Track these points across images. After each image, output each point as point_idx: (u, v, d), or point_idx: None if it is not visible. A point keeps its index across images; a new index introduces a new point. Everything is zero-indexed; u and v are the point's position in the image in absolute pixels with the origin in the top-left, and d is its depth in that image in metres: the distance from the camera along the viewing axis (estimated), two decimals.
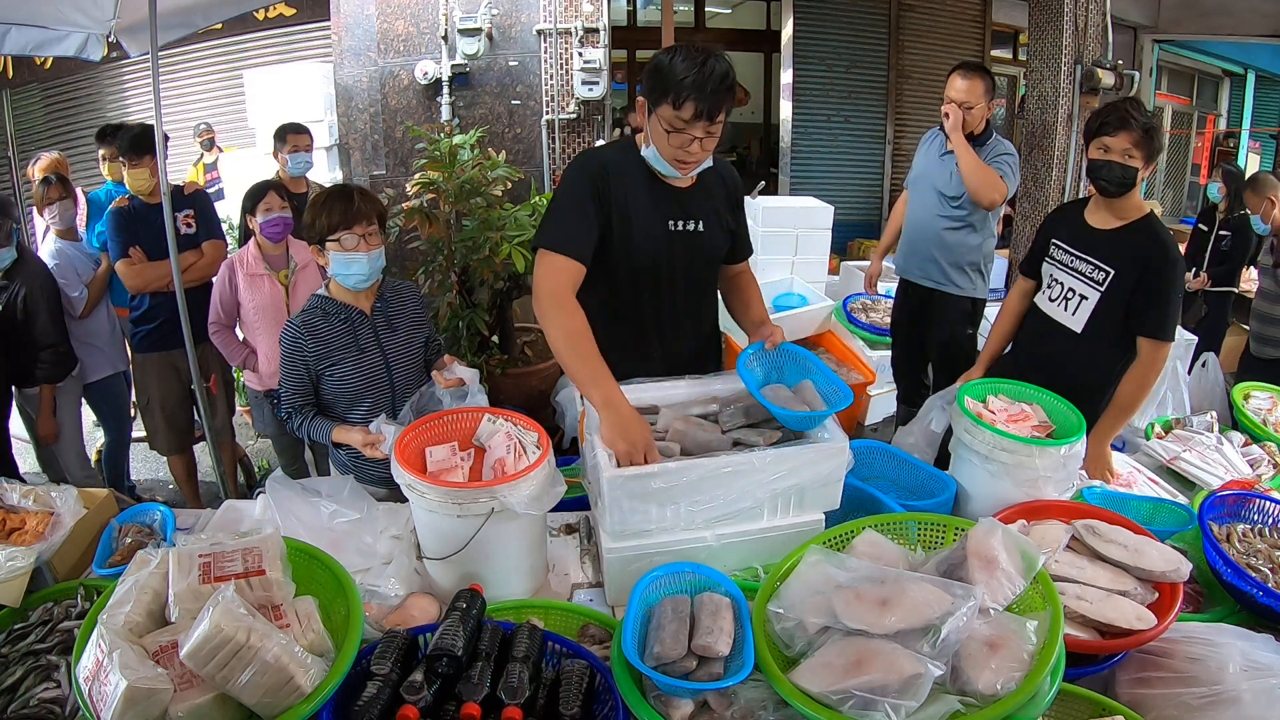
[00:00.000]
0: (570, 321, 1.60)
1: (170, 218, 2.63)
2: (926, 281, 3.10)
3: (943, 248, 3.03)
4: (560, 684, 1.17)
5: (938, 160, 3.05)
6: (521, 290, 3.74)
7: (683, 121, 1.58)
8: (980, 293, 3.09)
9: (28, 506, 1.62)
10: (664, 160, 1.67)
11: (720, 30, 7.78)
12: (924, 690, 1.04)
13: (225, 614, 1.05)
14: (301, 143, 3.38)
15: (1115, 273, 1.99)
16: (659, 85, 1.58)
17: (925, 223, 3.07)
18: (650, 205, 1.76)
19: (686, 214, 1.80)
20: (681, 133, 1.60)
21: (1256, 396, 2.46)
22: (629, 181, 1.74)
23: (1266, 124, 8.82)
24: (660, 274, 1.82)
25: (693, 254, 1.83)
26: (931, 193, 3.06)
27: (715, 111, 1.57)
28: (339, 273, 1.92)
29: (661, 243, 1.78)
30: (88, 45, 3.25)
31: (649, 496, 1.45)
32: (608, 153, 1.82)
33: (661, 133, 1.62)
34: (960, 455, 1.76)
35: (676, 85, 1.55)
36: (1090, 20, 4.77)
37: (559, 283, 1.64)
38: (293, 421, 1.98)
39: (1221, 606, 1.55)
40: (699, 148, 1.63)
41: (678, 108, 1.56)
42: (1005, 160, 2.91)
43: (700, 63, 1.54)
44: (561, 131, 4.60)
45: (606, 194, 1.72)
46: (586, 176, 1.72)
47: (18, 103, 6.14)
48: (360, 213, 1.89)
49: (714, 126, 1.61)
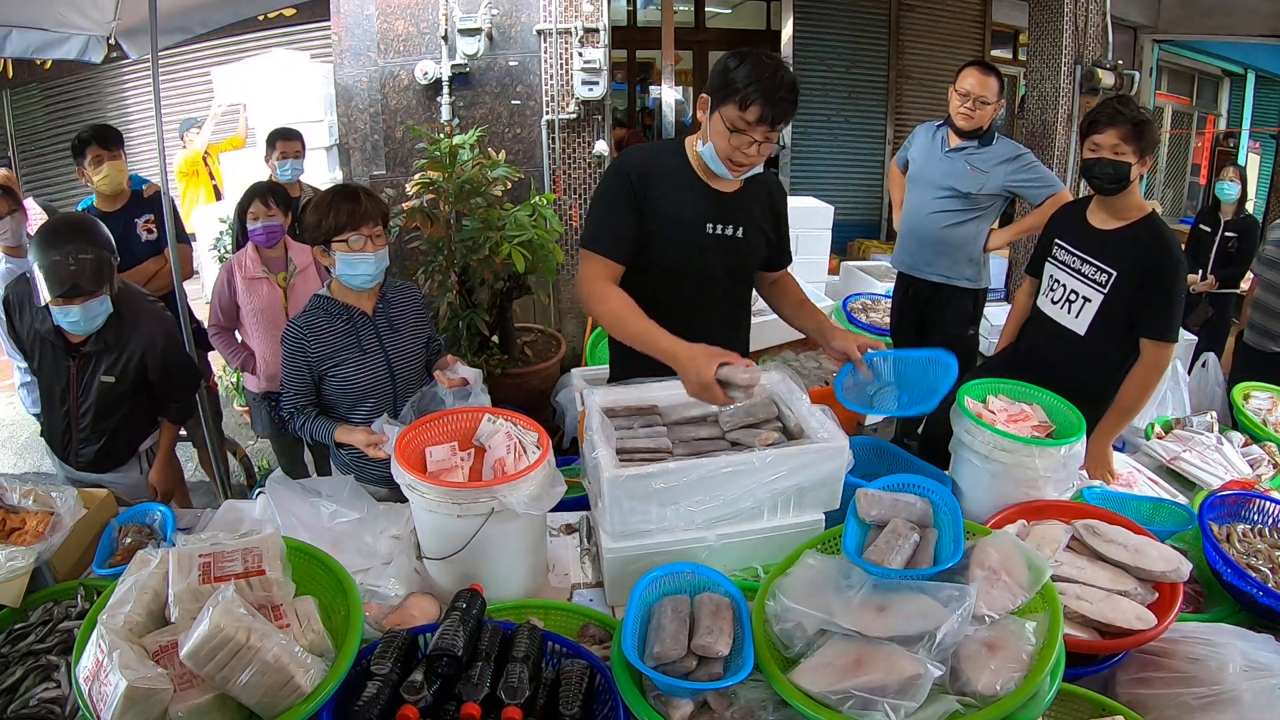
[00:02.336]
0: (611, 304, 1.67)
1: (167, 216, 2.63)
2: (933, 276, 3.08)
3: (945, 242, 3.02)
4: (560, 684, 1.17)
5: (941, 157, 3.02)
6: (521, 290, 3.74)
7: (745, 123, 1.60)
8: (983, 283, 3.09)
9: (28, 506, 1.62)
10: (719, 159, 1.69)
11: (720, 30, 7.78)
12: (923, 691, 1.05)
13: (225, 614, 1.05)
14: (291, 149, 3.36)
15: (1118, 274, 1.99)
16: (727, 85, 1.60)
17: (927, 219, 3.06)
18: (689, 206, 1.77)
19: (726, 219, 1.80)
20: (743, 134, 1.62)
21: (1256, 397, 2.46)
22: (668, 181, 1.77)
23: (1266, 124, 8.81)
24: (695, 276, 1.82)
25: (730, 259, 1.84)
26: (932, 189, 3.04)
27: (780, 119, 1.60)
28: (345, 273, 1.92)
29: (698, 244, 1.79)
30: (88, 47, 3.26)
31: (649, 496, 1.45)
32: (648, 151, 1.85)
33: (723, 131, 1.64)
34: (960, 455, 1.76)
35: (745, 87, 1.57)
36: (1090, 20, 4.77)
37: (597, 277, 1.73)
38: (295, 422, 1.97)
39: (1221, 606, 1.55)
40: (756, 151, 1.65)
41: (743, 109, 1.59)
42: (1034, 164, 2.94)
43: (772, 70, 1.58)
44: (561, 131, 4.60)
45: (642, 193, 1.74)
46: (622, 176, 1.76)
47: (18, 103, 6.14)
48: (366, 213, 1.89)
49: (773, 133, 1.63)
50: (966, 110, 2.90)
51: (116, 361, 1.96)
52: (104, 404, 1.96)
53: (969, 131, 2.94)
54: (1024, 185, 2.93)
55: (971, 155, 2.96)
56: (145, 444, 2.13)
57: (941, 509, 1.36)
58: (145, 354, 1.99)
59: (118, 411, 1.99)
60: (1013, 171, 2.92)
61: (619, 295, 1.68)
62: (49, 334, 1.90)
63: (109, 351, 1.95)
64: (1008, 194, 2.99)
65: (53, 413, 1.99)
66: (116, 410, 1.98)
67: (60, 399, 1.97)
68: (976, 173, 2.94)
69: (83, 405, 1.96)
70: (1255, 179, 8.13)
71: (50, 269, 1.76)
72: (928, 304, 3.14)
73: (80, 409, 1.96)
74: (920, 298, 3.16)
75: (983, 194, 2.95)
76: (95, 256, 1.80)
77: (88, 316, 1.82)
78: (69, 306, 1.79)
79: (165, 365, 2.03)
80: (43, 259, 1.76)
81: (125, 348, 1.97)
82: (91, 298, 1.80)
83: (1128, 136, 1.92)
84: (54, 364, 1.95)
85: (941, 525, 1.35)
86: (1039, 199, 2.93)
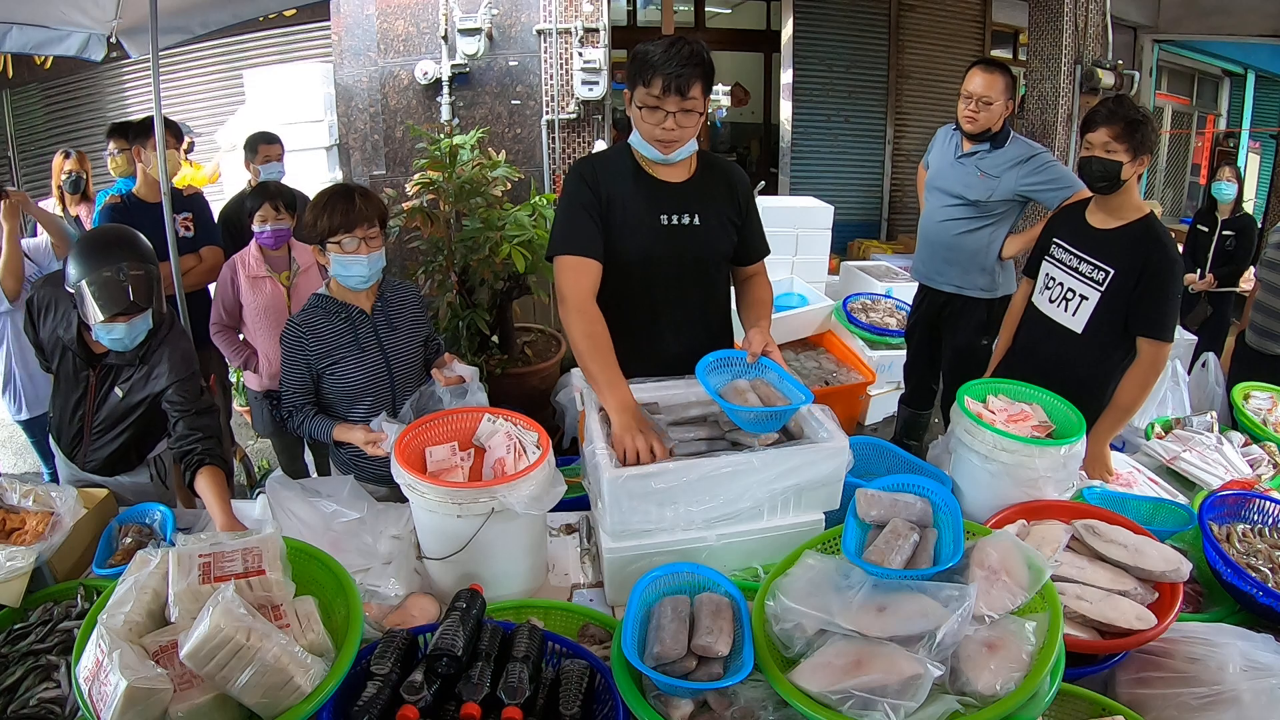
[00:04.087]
0: (592, 327, 1.70)
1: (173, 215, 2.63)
2: (947, 286, 2.98)
3: (957, 251, 2.91)
4: (560, 684, 1.17)
5: (953, 163, 2.91)
6: (521, 290, 3.73)
7: (654, 98, 1.66)
8: (1000, 291, 2.93)
9: (28, 506, 1.62)
10: (646, 143, 1.75)
11: (720, 30, 7.77)
12: (923, 691, 1.05)
13: (225, 614, 1.05)
14: (273, 153, 3.36)
15: (1115, 273, 2.00)
16: (633, 70, 1.68)
17: (939, 227, 2.96)
18: (641, 199, 1.80)
19: (680, 208, 1.82)
20: (655, 109, 1.68)
21: (1256, 396, 2.45)
22: (619, 177, 1.82)
23: (1266, 124, 8.81)
24: (657, 268, 1.83)
25: (689, 248, 1.84)
26: (944, 196, 2.94)
27: (684, 86, 1.64)
28: (339, 274, 1.92)
29: (653, 236, 1.81)
30: (89, 45, 3.26)
31: (649, 496, 1.45)
32: (600, 154, 1.93)
33: (640, 114, 1.71)
34: (960, 455, 1.76)
35: (646, 66, 1.65)
36: (1090, 20, 4.77)
37: (581, 287, 1.74)
38: (294, 420, 1.98)
39: (1221, 606, 1.55)
40: (674, 124, 1.69)
41: (648, 85, 1.66)
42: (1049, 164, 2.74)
43: (669, 44, 1.65)
44: (561, 131, 4.60)
45: (597, 191, 1.79)
46: (580, 178, 1.81)
47: (18, 103, 6.13)
48: (361, 215, 1.88)
49: (687, 103, 1.67)
50: (970, 113, 2.77)
51: (135, 377, 1.91)
52: (119, 416, 1.96)
53: (979, 134, 2.80)
54: (1037, 189, 2.74)
55: (982, 160, 2.82)
56: (156, 450, 2.12)
57: (941, 509, 1.36)
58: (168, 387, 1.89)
59: (133, 423, 1.98)
60: (1025, 175, 2.74)
61: (603, 324, 1.70)
62: (71, 343, 1.87)
63: (130, 367, 1.90)
64: (1021, 199, 2.80)
65: (66, 417, 1.98)
66: (131, 422, 1.98)
67: (75, 405, 1.96)
68: (986, 178, 2.80)
69: (98, 415, 1.96)
70: (1255, 179, 8.13)
71: (102, 287, 1.69)
72: (940, 313, 3.04)
73: (95, 418, 1.96)
74: (934, 307, 3.06)
75: (993, 200, 2.80)
76: (145, 272, 1.75)
77: (132, 334, 1.77)
78: (115, 324, 1.73)
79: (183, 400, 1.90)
80: (93, 276, 1.69)
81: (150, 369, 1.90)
82: (138, 314, 1.76)
83: (1119, 135, 1.92)
84: (73, 372, 1.93)
85: (941, 525, 1.35)
86: (1054, 203, 2.67)
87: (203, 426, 1.85)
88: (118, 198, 3.00)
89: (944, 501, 1.36)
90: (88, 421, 1.96)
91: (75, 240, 1.78)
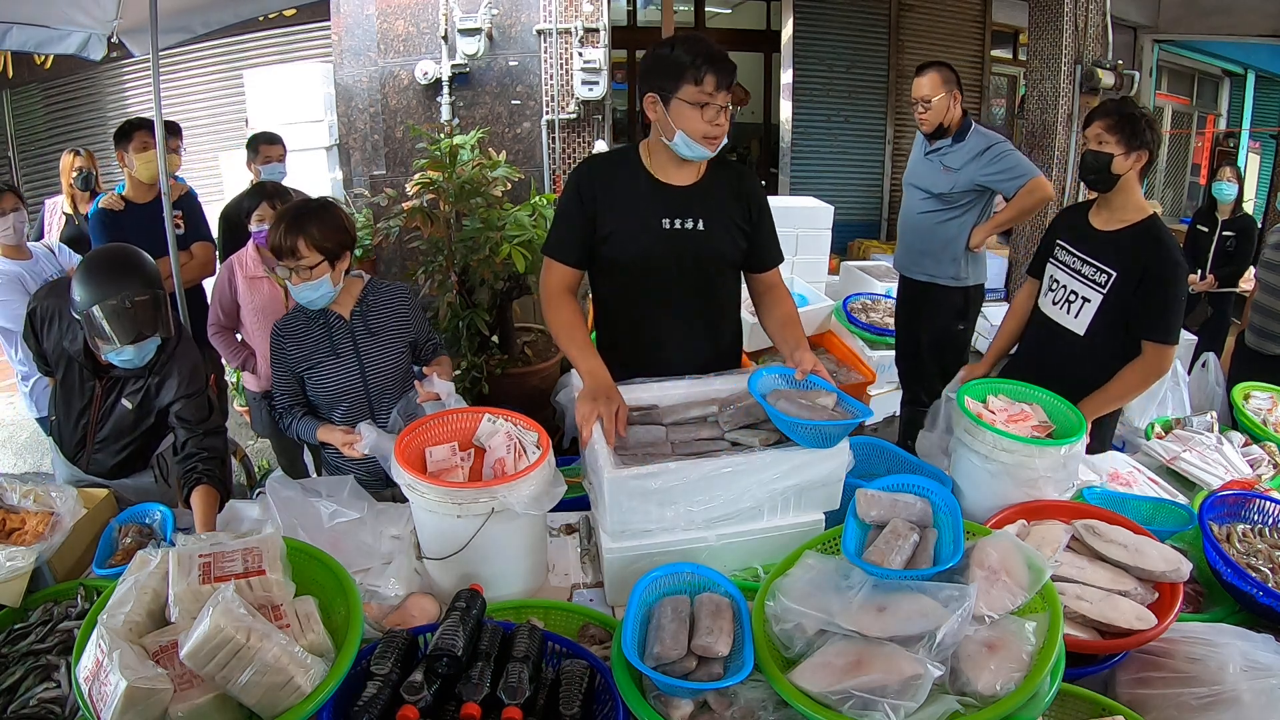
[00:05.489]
0: (562, 315, 1.81)
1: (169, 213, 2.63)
2: (920, 276, 3.14)
3: (930, 240, 3.07)
4: (560, 684, 1.17)
5: (922, 159, 3.11)
6: (521, 290, 3.73)
7: (707, 94, 1.66)
8: (971, 280, 3.08)
9: (28, 506, 1.62)
10: (695, 142, 1.72)
11: (720, 30, 7.78)
12: (923, 691, 1.05)
13: (225, 614, 1.05)
14: (274, 153, 3.36)
15: (1118, 275, 1.99)
16: (673, 71, 1.66)
17: (914, 220, 3.14)
18: (643, 204, 1.80)
19: (684, 212, 1.81)
20: (708, 105, 1.67)
21: (1256, 397, 2.45)
22: (621, 183, 1.81)
23: (1266, 124, 8.82)
24: (659, 273, 1.83)
25: (693, 253, 1.83)
26: (916, 191, 3.12)
27: (730, 80, 1.68)
28: (292, 292, 1.92)
29: (653, 239, 1.80)
30: (89, 44, 3.26)
31: (649, 496, 1.45)
32: (601, 159, 1.94)
33: (691, 112, 1.67)
34: (960, 455, 1.76)
35: (694, 64, 1.64)
36: (1090, 20, 4.78)
37: (554, 284, 1.85)
38: (283, 421, 2.01)
39: (1221, 606, 1.55)
40: (725, 118, 1.71)
41: (700, 83, 1.64)
42: (1004, 155, 2.89)
43: (702, 41, 1.67)
44: (561, 131, 4.60)
45: (591, 196, 1.80)
46: (574, 184, 1.83)
47: (18, 103, 6.14)
48: (294, 250, 1.83)
49: (728, 98, 1.70)
50: (919, 115, 2.99)
51: (141, 389, 1.91)
52: (124, 425, 1.96)
53: (935, 132, 2.98)
54: (993, 179, 2.91)
55: (945, 155, 2.99)
56: (159, 450, 2.12)
57: (941, 509, 1.36)
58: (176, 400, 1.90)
59: (137, 431, 1.98)
60: (982, 166, 2.90)
61: (571, 309, 1.81)
62: (78, 355, 1.87)
63: (136, 379, 1.90)
64: (981, 189, 2.95)
65: (69, 423, 1.98)
66: (137, 430, 1.98)
67: (80, 414, 1.96)
68: (948, 172, 2.97)
69: (102, 426, 1.96)
70: (1255, 179, 8.13)
71: (109, 317, 1.68)
72: (917, 302, 3.20)
73: (99, 427, 1.96)
74: (912, 296, 3.23)
75: (955, 193, 2.96)
76: (151, 297, 1.74)
77: (141, 354, 1.78)
78: (124, 348, 1.73)
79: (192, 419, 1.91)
80: (100, 306, 1.68)
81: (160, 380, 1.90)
82: (147, 338, 1.76)
83: (1111, 127, 1.93)
84: (79, 383, 1.92)
85: (941, 525, 1.35)
86: (1011, 192, 2.90)
87: (210, 448, 1.87)
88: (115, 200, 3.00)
89: (944, 502, 1.36)
90: (91, 430, 1.96)
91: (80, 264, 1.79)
